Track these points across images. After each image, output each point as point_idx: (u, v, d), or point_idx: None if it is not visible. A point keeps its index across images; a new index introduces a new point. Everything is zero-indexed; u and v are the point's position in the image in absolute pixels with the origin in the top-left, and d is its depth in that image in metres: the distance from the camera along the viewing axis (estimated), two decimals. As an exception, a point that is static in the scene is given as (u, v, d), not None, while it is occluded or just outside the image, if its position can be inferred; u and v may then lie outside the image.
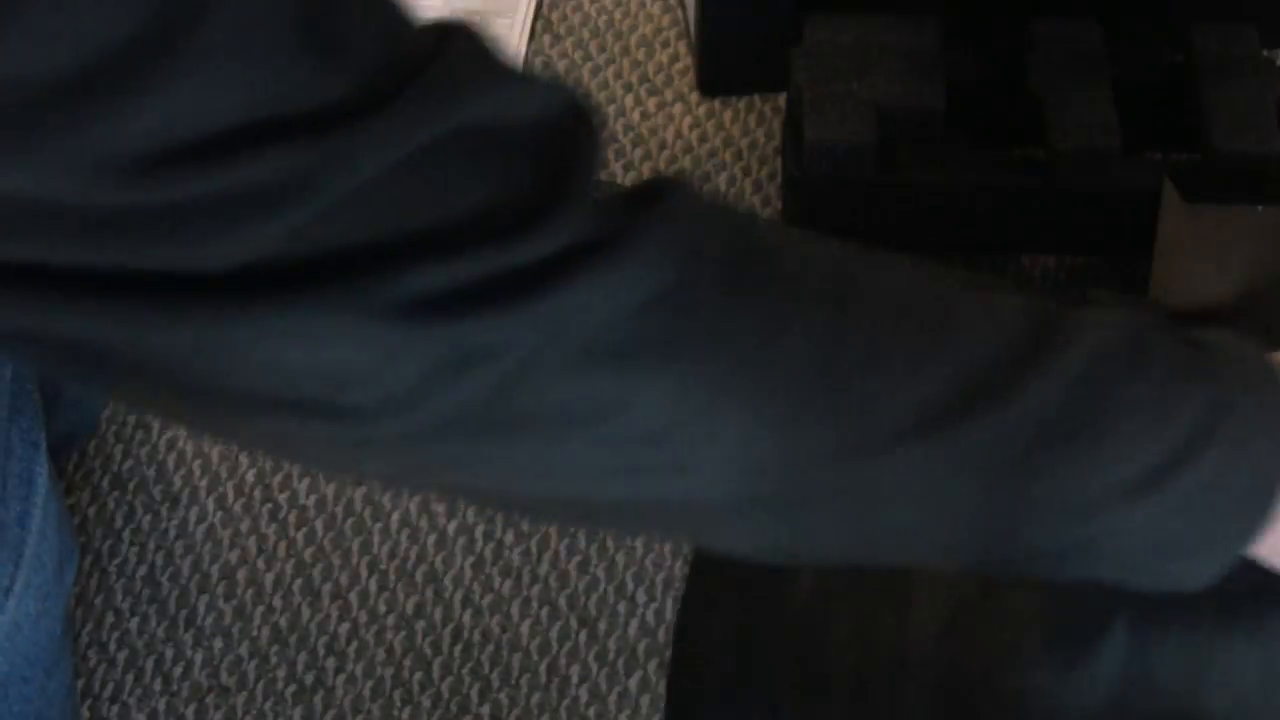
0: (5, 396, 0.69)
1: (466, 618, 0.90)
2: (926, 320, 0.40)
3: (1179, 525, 0.42)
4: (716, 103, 1.09)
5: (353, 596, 0.91)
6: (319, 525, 0.93)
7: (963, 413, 0.39)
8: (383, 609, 0.91)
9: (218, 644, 0.90)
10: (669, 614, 0.90)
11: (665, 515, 0.42)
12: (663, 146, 1.07)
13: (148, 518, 0.94)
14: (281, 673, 0.89)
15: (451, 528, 0.93)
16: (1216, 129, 0.91)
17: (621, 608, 0.90)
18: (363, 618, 0.90)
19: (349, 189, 0.34)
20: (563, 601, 0.90)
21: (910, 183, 0.94)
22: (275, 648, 0.90)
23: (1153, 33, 0.97)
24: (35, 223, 0.34)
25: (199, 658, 0.89)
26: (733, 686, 0.68)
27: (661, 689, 0.84)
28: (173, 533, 0.93)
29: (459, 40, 0.37)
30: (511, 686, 0.88)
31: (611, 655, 0.89)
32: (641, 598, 0.90)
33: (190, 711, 0.88)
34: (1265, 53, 0.95)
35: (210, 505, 0.94)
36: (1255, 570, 0.48)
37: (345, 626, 0.90)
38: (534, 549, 0.92)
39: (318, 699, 0.88)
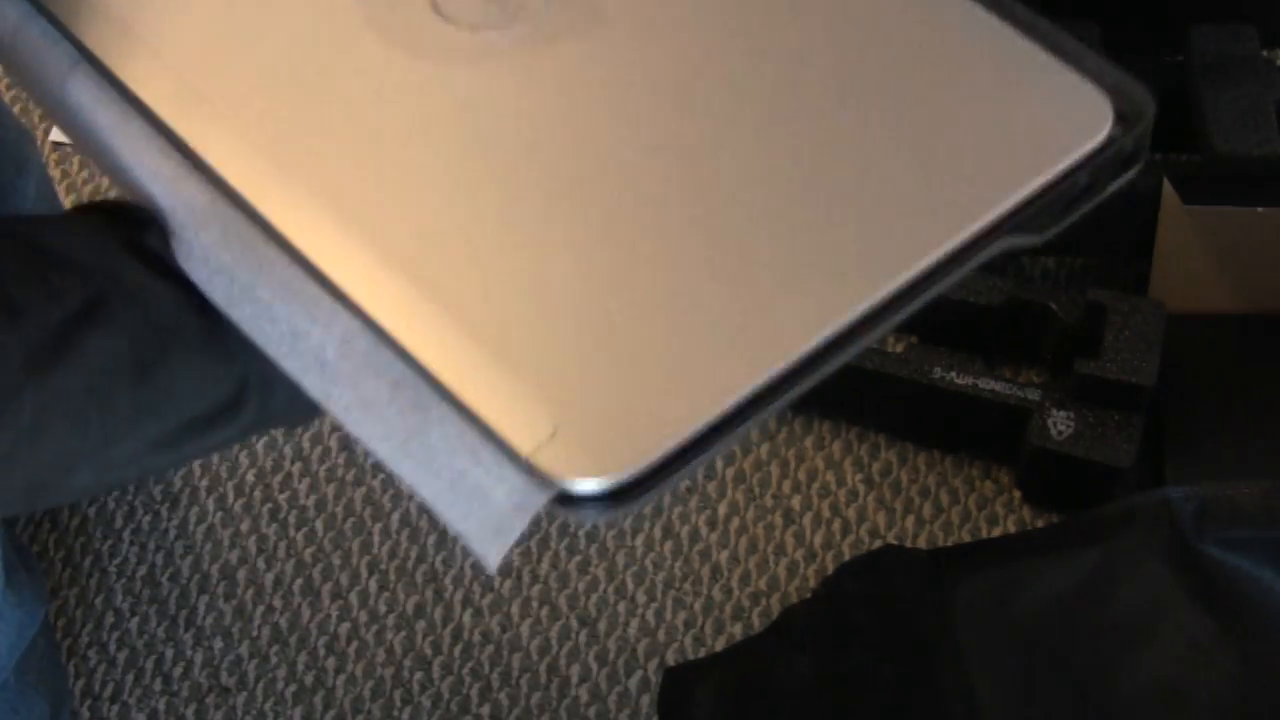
0: None
1: (466, 618, 0.90)
2: None
3: None
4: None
5: (353, 596, 0.91)
6: (319, 525, 0.93)
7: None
8: (383, 609, 0.91)
9: (218, 644, 0.90)
10: (669, 614, 0.90)
11: None
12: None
13: (148, 518, 0.94)
14: (281, 673, 0.89)
15: (451, 528, 0.93)
16: (1216, 130, 0.91)
17: (621, 608, 0.90)
18: (363, 618, 0.90)
19: None
20: (563, 601, 0.90)
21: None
22: (275, 648, 0.90)
23: (1152, 34, 0.97)
24: None
25: (199, 658, 0.89)
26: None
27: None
28: (173, 533, 0.93)
29: None
30: (511, 686, 0.88)
31: (611, 655, 0.89)
32: (641, 598, 0.90)
33: (190, 711, 0.88)
34: (1265, 53, 0.95)
35: (210, 505, 0.94)
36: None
37: (345, 626, 0.90)
38: (534, 549, 0.92)
39: (318, 699, 0.88)
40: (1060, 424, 0.87)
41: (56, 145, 1.12)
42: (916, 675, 0.77)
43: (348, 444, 0.96)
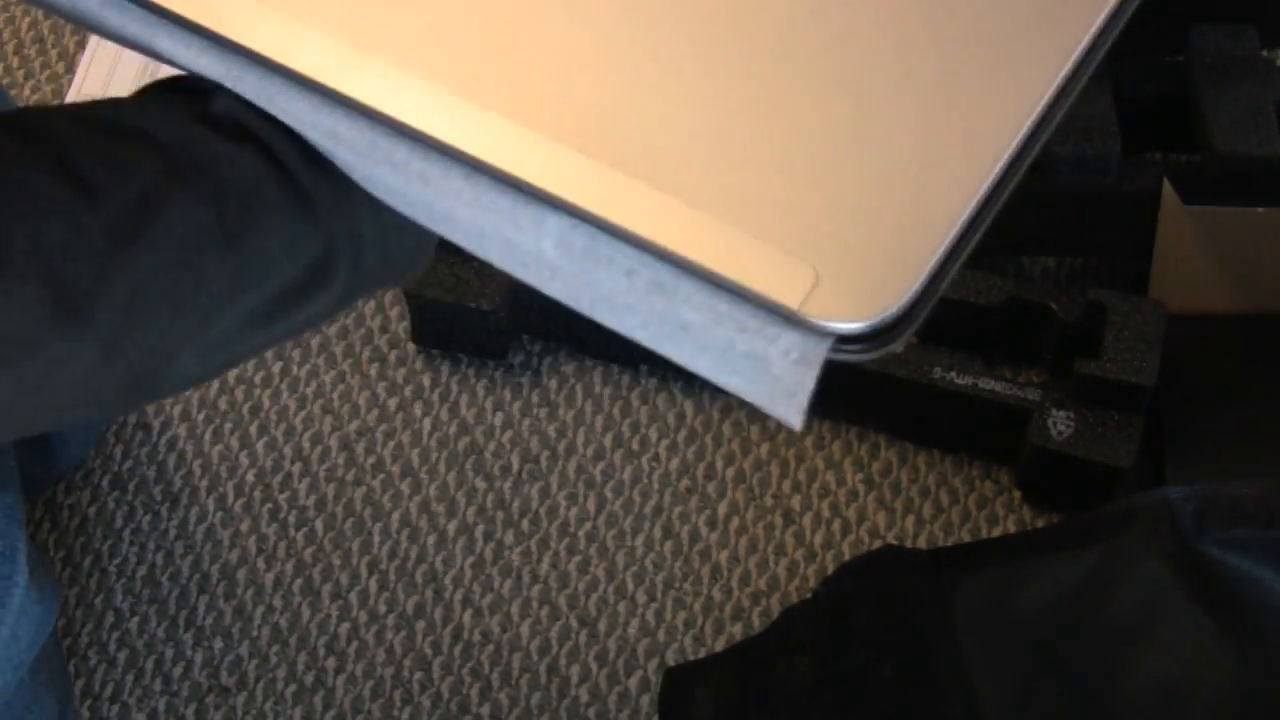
0: None
1: (466, 618, 0.90)
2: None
3: None
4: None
5: (353, 596, 0.91)
6: (319, 525, 0.93)
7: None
8: (383, 609, 0.91)
9: (218, 644, 0.90)
10: (669, 614, 0.90)
11: None
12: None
13: (148, 518, 0.94)
14: (281, 673, 0.89)
15: (451, 528, 0.93)
16: (1216, 130, 0.90)
17: (621, 608, 0.90)
18: (363, 618, 0.90)
19: None
20: (563, 601, 0.90)
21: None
22: (275, 648, 0.90)
23: (1152, 34, 0.97)
24: None
25: (199, 658, 0.89)
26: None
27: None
28: (173, 533, 0.93)
29: None
30: (511, 686, 0.88)
31: (611, 655, 0.89)
32: (641, 598, 0.90)
33: (190, 711, 0.88)
34: (1265, 53, 0.95)
35: (210, 505, 0.94)
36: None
37: (345, 626, 0.90)
38: (534, 549, 0.92)
39: (318, 699, 0.88)
40: (1060, 424, 0.87)
41: (56, 145, 1.12)
42: (916, 675, 0.77)
43: (348, 444, 0.96)
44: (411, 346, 0.99)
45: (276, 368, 0.99)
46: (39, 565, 0.73)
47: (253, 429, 0.97)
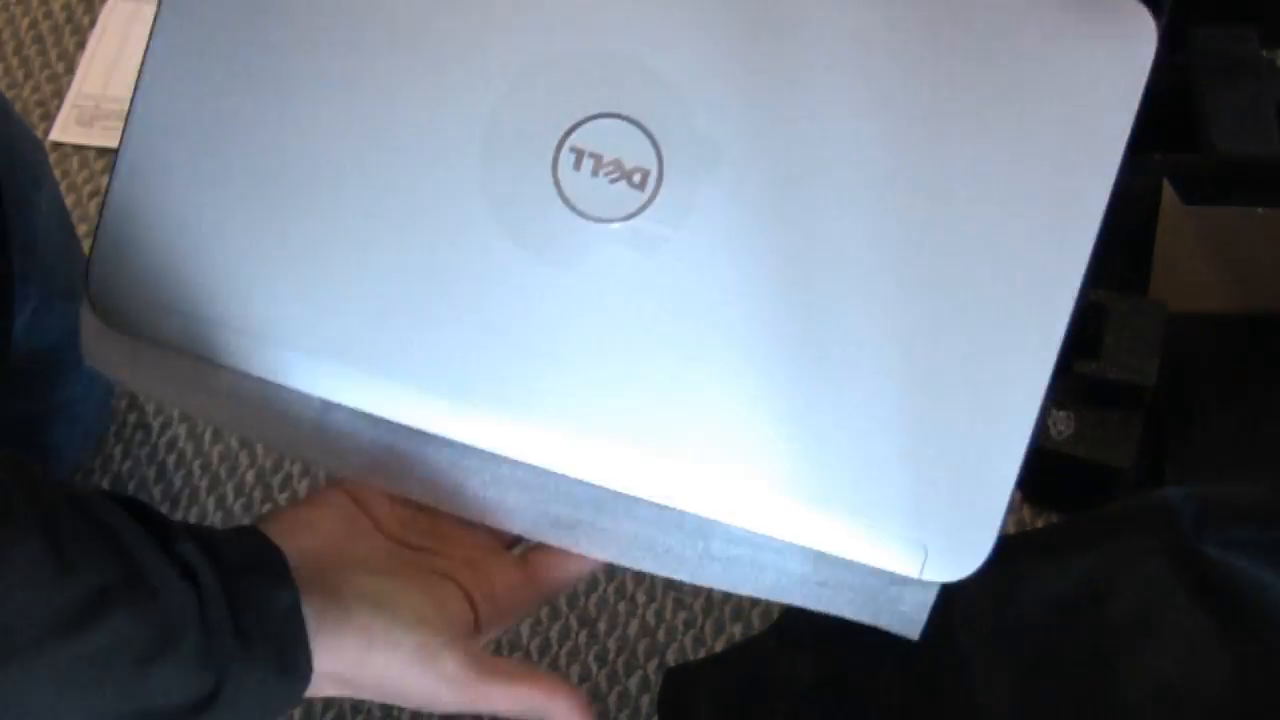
0: None
1: (466, 618, 0.90)
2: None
3: None
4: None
5: (353, 596, 0.91)
6: (319, 525, 0.93)
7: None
8: (383, 609, 0.91)
9: (218, 644, 0.90)
10: (669, 614, 0.90)
11: None
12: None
13: (148, 517, 0.94)
14: (281, 673, 0.89)
15: (451, 528, 0.93)
16: (1216, 130, 0.91)
17: (621, 608, 0.90)
18: (363, 618, 0.90)
19: None
20: (563, 601, 0.90)
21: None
22: (275, 648, 0.90)
23: (1152, 33, 0.97)
24: None
25: (199, 658, 0.89)
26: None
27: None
28: (173, 533, 0.93)
29: None
30: (511, 686, 0.88)
31: (611, 655, 0.89)
32: (641, 598, 0.90)
33: (190, 711, 0.88)
34: (1265, 54, 0.95)
35: (210, 505, 0.94)
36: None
37: (345, 626, 0.90)
38: (534, 549, 0.92)
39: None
40: (1060, 424, 0.87)
41: (56, 145, 1.12)
42: (916, 675, 0.77)
43: (348, 444, 0.96)
44: (411, 346, 0.99)
45: (276, 368, 0.99)
46: None
47: (253, 429, 0.97)
